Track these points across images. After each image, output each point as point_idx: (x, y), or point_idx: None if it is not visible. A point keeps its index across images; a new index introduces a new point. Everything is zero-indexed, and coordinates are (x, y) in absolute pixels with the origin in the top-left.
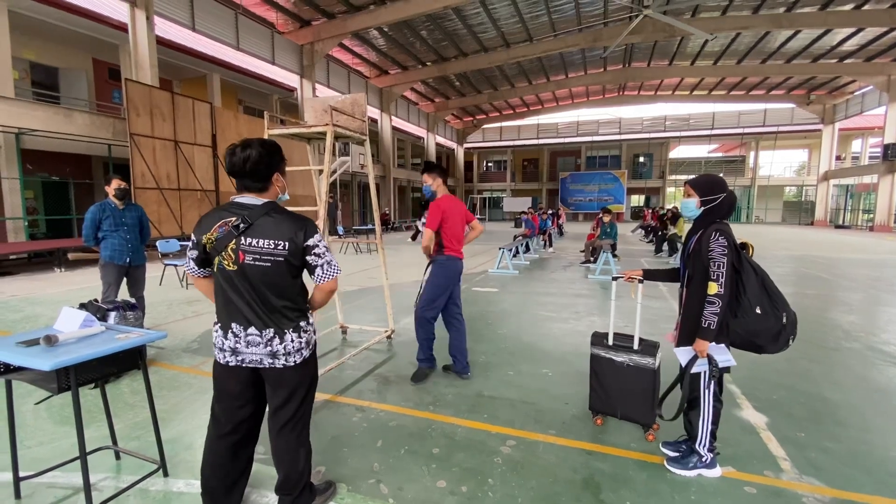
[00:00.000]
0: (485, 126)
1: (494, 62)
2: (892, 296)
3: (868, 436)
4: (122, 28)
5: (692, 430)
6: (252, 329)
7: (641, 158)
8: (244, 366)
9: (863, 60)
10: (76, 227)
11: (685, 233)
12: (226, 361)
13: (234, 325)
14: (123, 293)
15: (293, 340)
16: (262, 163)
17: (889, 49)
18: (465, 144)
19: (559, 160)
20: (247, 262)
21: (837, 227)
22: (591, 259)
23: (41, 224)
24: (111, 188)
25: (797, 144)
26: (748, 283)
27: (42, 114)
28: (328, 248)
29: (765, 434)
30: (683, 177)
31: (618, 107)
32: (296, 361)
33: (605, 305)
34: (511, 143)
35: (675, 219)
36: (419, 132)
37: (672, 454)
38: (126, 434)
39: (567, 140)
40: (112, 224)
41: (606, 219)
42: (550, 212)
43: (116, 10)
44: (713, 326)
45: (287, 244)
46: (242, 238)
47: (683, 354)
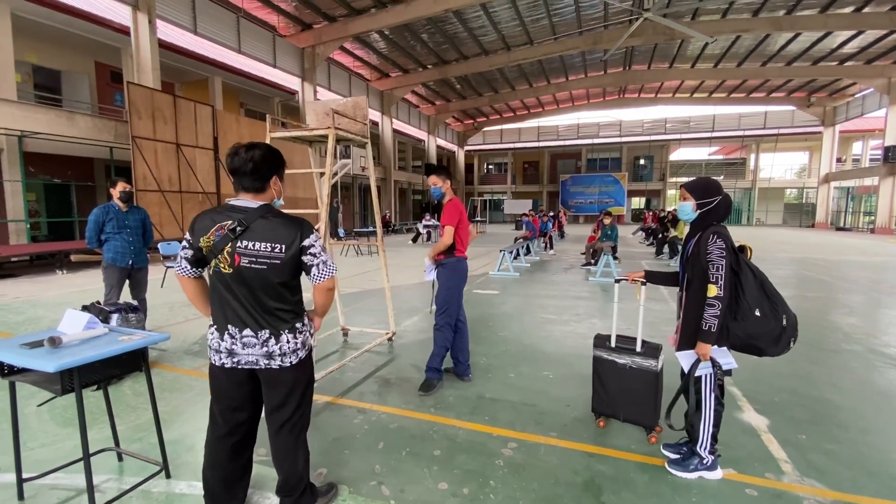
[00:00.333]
0: (485, 129)
1: (495, 65)
2: (893, 298)
3: (869, 438)
4: (125, 31)
5: (693, 433)
6: (248, 331)
7: (642, 161)
8: (240, 367)
9: (863, 63)
10: (78, 230)
11: (685, 235)
12: (222, 363)
13: (230, 327)
14: (125, 295)
15: (289, 341)
16: (265, 162)
17: (889, 51)
18: (466, 147)
19: (560, 162)
20: (242, 265)
21: (838, 230)
22: (592, 261)
23: (43, 226)
24: (116, 190)
25: (798, 147)
26: (747, 286)
27: (44, 116)
28: (324, 249)
29: (766, 436)
30: (684, 179)
31: (618, 109)
32: (292, 362)
33: (606, 308)
34: (512, 146)
35: (676, 221)
36: (420, 135)
37: (673, 456)
38: (128, 436)
39: (567, 142)
40: (115, 226)
41: (607, 221)
42: (551, 214)
43: (119, 14)
44: (713, 329)
45: (283, 247)
46: (238, 241)
47: (685, 358)
